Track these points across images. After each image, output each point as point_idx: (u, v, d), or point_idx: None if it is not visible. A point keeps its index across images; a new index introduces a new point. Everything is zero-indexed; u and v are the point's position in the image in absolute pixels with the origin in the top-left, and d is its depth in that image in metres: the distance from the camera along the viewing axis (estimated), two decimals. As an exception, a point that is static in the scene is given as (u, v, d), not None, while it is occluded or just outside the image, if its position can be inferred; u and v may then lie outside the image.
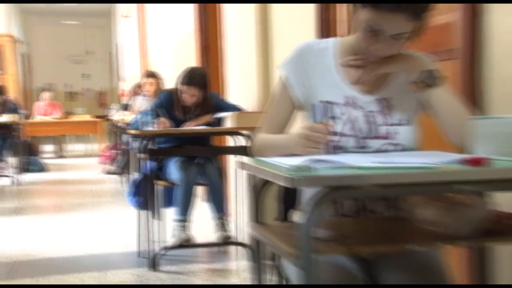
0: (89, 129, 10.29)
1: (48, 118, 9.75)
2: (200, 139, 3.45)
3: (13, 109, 7.03)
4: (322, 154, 1.29)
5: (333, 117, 1.43)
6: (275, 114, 1.54)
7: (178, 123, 3.38)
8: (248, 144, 3.22)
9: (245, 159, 1.39)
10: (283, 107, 1.52)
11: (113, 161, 7.93)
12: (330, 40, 1.53)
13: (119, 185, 6.46)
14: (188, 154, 3.37)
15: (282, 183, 1.06)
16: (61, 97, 17.28)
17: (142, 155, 3.16)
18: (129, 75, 12.09)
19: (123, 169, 6.70)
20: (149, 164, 3.23)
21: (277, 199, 1.60)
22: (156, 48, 8.30)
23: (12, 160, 6.92)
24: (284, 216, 1.58)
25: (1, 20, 11.55)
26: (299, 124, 1.37)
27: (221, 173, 3.44)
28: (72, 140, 11.57)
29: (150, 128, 3.16)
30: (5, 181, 6.79)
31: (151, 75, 5.55)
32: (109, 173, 7.63)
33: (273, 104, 1.56)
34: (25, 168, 7.74)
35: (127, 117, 6.00)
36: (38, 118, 9.76)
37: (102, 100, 18.21)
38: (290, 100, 1.51)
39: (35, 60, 17.33)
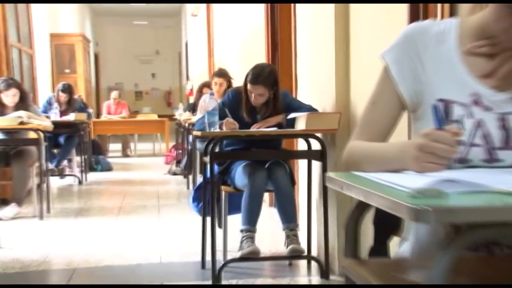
0: (156, 128, 10.23)
1: (115, 117, 9.75)
2: (269, 142, 3.15)
3: (81, 108, 6.98)
4: (444, 171, 0.96)
5: (456, 121, 1.09)
6: (375, 116, 1.21)
7: (245, 124, 3.10)
8: (321, 148, 2.90)
9: (334, 174, 1.08)
10: (386, 107, 1.19)
11: (178, 162, 7.79)
12: (450, 21, 1.18)
13: (184, 186, 6.27)
14: (256, 158, 3.08)
15: (404, 216, 0.74)
16: (130, 96, 17.52)
17: (207, 158, 2.90)
18: (196, 74, 11.99)
19: (188, 171, 6.52)
20: (215, 168, 2.97)
21: (372, 221, 1.28)
22: (223, 46, 8.09)
23: (78, 159, 6.86)
24: (382, 245, 1.26)
25: (73, 20, 11.72)
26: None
27: (293, 179, 3.13)
28: (138, 139, 11.57)
29: (216, 130, 2.89)
30: (71, 180, 6.74)
31: (221, 74, 5.30)
32: (174, 173, 7.49)
33: (373, 103, 1.23)
34: (91, 167, 7.71)
35: (193, 117, 5.79)
36: (105, 117, 9.77)
37: (169, 99, 18.32)
38: (396, 97, 1.18)
39: (105, 60, 17.63)
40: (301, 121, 2.89)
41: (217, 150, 2.90)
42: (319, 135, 2.92)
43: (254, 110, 3.16)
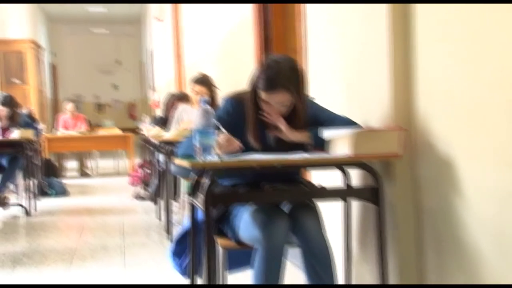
0: (119, 144, 9.08)
1: (72, 133, 8.59)
2: (286, 172, 2.14)
3: (26, 124, 5.84)
4: None
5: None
6: None
7: (250, 148, 2.09)
8: (375, 184, 1.90)
9: None
10: None
11: (145, 183, 6.71)
12: None
13: (153, 216, 5.20)
14: (277, 199, 2.05)
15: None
16: (90, 109, 16.29)
17: (199, 200, 1.88)
18: (162, 84, 10.92)
19: (157, 195, 5.46)
20: (208, 213, 1.94)
21: None
22: (195, 51, 7.06)
23: (25, 184, 5.71)
24: None
25: (24, 25, 10.50)
26: None
27: (322, 226, 2.11)
28: (99, 155, 10.41)
29: (213, 158, 1.86)
30: (16, 211, 5.58)
31: (203, 81, 4.27)
32: (140, 197, 6.41)
33: None
34: (42, 192, 6.56)
35: (165, 132, 4.75)
36: (58, 132, 8.60)
37: (132, 112, 17.16)
38: None
39: (63, 70, 16.39)
40: (343, 142, 1.89)
41: (211, 186, 1.88)
42: (371, 163, 1.93)
43: (263, 128, 2.14)
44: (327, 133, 1.98)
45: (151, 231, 4.59)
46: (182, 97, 5.36)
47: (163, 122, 5.51)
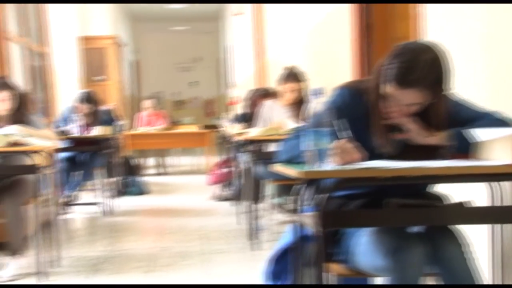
0: (197, 141, 8.88)
1: (150, 130, 8.47)
2: (413, 184, 1.73)
3: (107, 121, 5.68)
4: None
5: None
6: None
7: (372, 152, 1.69)
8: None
9: None
10: None
11: (224, 183, 6.43)
12: None
13: (233, 219, 4.89)
14: (416, 224, 1.62)
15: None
16: (169, 106, 16.34)
17: (310, 217, 1.51)
18: (241, 81, 10.67)
19: (238, 197, 5.16)
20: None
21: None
22: (278, 45, 6.71)
23: (104, 183, 5.57)
24: None
25: (106, 23, 10.54)
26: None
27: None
28: (177, 153, 10.29)
29: (329, 165, 1.49)
30: (94, 210, 5.44)
31: (298, 77, 3.90)
32: (219, 199, 6.14)
33: None
34: (122, 191, 6.42)
35: (250, 129, 4.42)
36: (139, 129, 8.49)
37: (209, 109, 17.09)
38: None
39: (145, 67, 16.53)
40: (502, 146, 1.46)
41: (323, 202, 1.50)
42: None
43: (388, 128, 1.73)
44: (478, 134, 1.55)
45: (231, 238, 4.28)
46: (267, 94, 5.03)
47: (246, 119, 5.20)
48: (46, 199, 3.51)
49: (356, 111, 1.72)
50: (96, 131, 5.27)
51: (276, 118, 4.00)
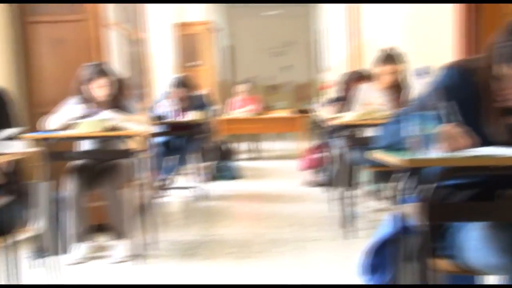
0: (289, 126, 8.81)
1: (243, 114, 8.49)
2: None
3: (202, 105, 5.73)
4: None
5: None
6: None
7: (485, 136, 1.53)
8: None
9: None
10: None
11: (317, 169, 6.32)
12: None
13: (325, 206, 4.78)
14: None
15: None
16: (262, 90, 16.38)
17: (413, 208, 1.38)
18: (334, 64, 10.45)
19: (331, 183, 5.03)
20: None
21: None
22: (374, 26, 6.46)
23: (198, 167, 5.63)
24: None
25: (201, 9, 10.67)
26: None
27: None
28: (271, 138, 10.27)
29: (436, 152, 1.35)
30: (189, 194, 5.51)
31: (391, 59, 3.72)
32: (311, 184, 6.04)
33: None
34: (214, 175, 6.48)
35: (342, 114, 4.27)
36: (232, 114, 8.54)
37: (301, 93, 16.96)
38: None
39: (239, 52, 16.65)
40: None
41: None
42: None
43: (502, 112, 1.56)
44: None
45: (324, 224, 4.17)
46: (361, 77, 4.85)
47: (340, 103, 5.05)
48: (142, 183, 3.57)
49: (465, 93, 1.56)
50: (191, 116, 5.33)
51: (373, 102, 3.83)
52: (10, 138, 1.97)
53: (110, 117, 3.29)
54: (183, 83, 5.50)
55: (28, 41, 4.08)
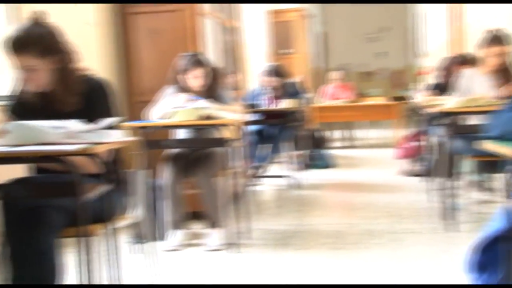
0: (384, 113, 8.57)
1: (337, 102, 8.35)
2: None
3: (295, 93, 5.68)
4: None
5: None
6: None
7: None
8: None
9: None
10: None
11: (414, 158, 6.09)
12: None
13: (423, 196, 4.58)
14: None
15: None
16: (356, 77, 16.07)
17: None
18: (433, 49, 10.03)
19: (429, 173, 4.82)
20: None
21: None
22: (479, 7, 6.11)
23: (291, 155, 5.59)
24: None
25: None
26: None
27: None
28: (365, 126, 10.05)
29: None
30: (282, 183, 5.50)
31: (499, 40, 3.47)
32: (408, 174, 5.83)
33: None
34: (308, 164, 6.42)
35: (445, 98, 4.06)
36: (325, 102, 8.42)
37: (397, 80, 16.46)
38: None
39: (332, 39, 16.41)
40: None
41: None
42: None
43: None
44: None
45: (423, 216, 4.00)
46: (464, 61, 4.59)
47: (440, 90, 4.82)
48: (236, 172, 3.58)
49: None
50: (284, 104, 5.29)
51: (477, 88, 3.61)
52: (110, 127, 2.01)
53: (205, 106, 3.31)
54: (276, 72, 5.46)
55: (127, 31, 4.20)
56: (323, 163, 6.66)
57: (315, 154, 6.70)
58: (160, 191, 3.41)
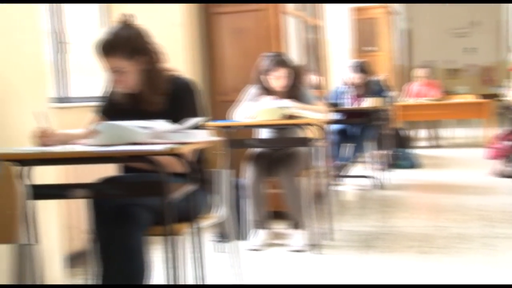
0: (472, 112, 8.22)
1: (422, 100, 8.09)
2: None
3: (378, 91, 5.54)
4: None
5: None
6: None
7: None
8: None
9: None
10: None
11: (507, 158, 5.80)
12: None
13: (520, 200, 4.35)
14: None
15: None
16: (442, 75, 15.54)
17: None
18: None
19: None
20: None
21: None
22: None
23: (374, 155, 5.47)
24: None
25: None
26: None
27: None
28: (450, 125, 9.69)
29: None
30: (365, 183, 5.39)
31: None
32: (501, 175, 5.55)
33: None
34: (391, 164, 6.26)
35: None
36: (410, 100, 8.18)
37: (487, 76, 15.76)
38: None
39: (417, 36, 15.95)
40: None
41: None
42: None
43: None
44: None
45: (520, 220, 3.79)
46: None
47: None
48: (318, 171, 3.53)
49: None
50: (367, 102, 5.18)
51: None
52: (196, 127, 2.03)
53: (288, 105, 3.28)
54: (361, 68, 5.35)
55: (211, 31, 4.25)
56: (407, 163, 6.48)
57: (399, 153, 6.52)
58: (243, 190, 3.42)
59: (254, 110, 3.33)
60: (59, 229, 2.80)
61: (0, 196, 1.26)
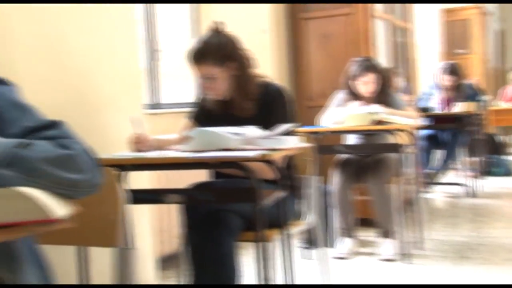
0: None
1: (517, 104, 7.71)
2: None
3: (470, 96, 5.32)
4: None
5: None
6: None
7: None
8: None
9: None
10: None
11: None
12: None
13: None
14: None
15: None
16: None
17: None
18: None
19: None
20: None
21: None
22: None
23: (466, 162, 5.25)
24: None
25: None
26: None
27: None
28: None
29: None
30: (456, 191, 5.18)
31: None
32: None
33: None
34: (485, 171, 5.99)
35: None
36: (504, 104, 7.81)
37: None
38: None
39: (509, 37, 15.21)
40: None
41: None
42: None
43: None
44: None
45: None
46: None
47: None
48: (408, 178, 3.43)
49: None
50: (458, 107, 4.99)
51: None
52: (286, 133, 2.03)
53: (377, 110, 3.22)
54: (453, 70, 5.15)
55: (299, 37, 4.25)
56: (501, 170, 6.18)
57: (492, 160, 6.23)
58: (330, 197, 3.38)
59: (343, 115, 3.29)
60: (152, 233, 2.88)
61: (105, 202, 1.31)
